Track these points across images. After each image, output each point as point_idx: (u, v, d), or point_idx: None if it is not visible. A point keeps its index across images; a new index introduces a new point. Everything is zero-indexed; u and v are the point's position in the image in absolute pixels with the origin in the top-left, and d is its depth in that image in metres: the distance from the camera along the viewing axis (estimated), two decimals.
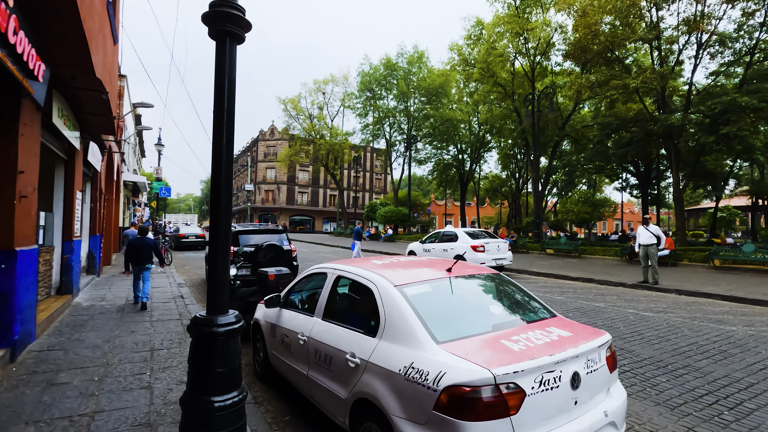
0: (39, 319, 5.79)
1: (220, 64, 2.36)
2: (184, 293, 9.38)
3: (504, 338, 2.55)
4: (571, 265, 15.57)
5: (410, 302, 2.78)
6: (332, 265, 3.84)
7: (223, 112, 2.35)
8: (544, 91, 20.82)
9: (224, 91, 2.35)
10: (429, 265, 3.64)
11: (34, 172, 5.26)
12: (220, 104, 2.35)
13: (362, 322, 3.09)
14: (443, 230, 14.84)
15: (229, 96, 2.37)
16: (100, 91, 6.28)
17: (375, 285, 3.02)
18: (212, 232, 2.33)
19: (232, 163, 2.40)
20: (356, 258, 4.30)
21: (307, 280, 4.25)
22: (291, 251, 9.91)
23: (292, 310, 4.10)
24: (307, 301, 4.15)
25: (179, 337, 5.87)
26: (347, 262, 3.83)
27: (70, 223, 8.02)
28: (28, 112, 4.81)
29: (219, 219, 2.33)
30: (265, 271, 5.85)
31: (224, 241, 2.34)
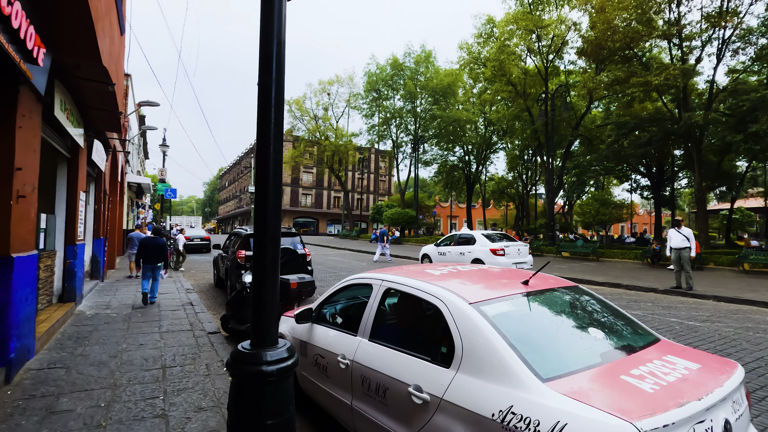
0: (39, 331, 5.27)
1: (267, 22, 1.84)
2: (193, 300, 8.86)
3: (623, 372, 2.01)
4: (591, 269, 14.98)
5: (494, 325, 2.23)
6: (377, 275, 3.30)
7: (271, 84, 1.82)
8: (558, 90, 20.28)
9: (272, 58, 1.83)
10: (497, 276, 3.10)
11: (34, 169, 4.75)
12: (267, 73, 1.83)
13: (427, 347, 2.55)
14: (459, 233, 14.30)
15: (278, 63, 1.84)
16: (106, 82, 5.77)
17: (443, 302, 2.47)
18: (258, 239, 1.80)
19: (281, 149, 1.86)
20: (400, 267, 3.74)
21: (344, 292, 3.71)
22: (305, 255, 9.39)
23: (328, 327, 3.57)
24: (346, 316, 3.62)
25: (192, 351, 5.34)
26: (394, 272, 3.29)
27: (73, 226, 7.51)
28: (26, 101, 4.30)
29: (266, 223, 1.80)
30: (286, 279, 5.33)
31: (273, 250, 1.81)
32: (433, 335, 2.58)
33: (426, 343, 2.62)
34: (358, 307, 3.58)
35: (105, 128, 8.58)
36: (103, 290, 9.69)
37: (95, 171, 10.35)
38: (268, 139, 1.81)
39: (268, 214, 1.79)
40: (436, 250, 14.59)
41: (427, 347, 2.55)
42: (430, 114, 36.26)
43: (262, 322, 1.79)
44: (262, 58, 1.84)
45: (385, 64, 37.50)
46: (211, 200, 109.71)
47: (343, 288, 3.67)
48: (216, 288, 11.22)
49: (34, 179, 4.73)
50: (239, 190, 71.11)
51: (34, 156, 4.73)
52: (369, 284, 3.30)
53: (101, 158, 9.70)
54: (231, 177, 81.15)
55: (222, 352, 5.32)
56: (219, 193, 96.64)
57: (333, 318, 3.72)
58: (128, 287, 10.30)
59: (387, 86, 38.10)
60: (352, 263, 17.86)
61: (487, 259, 12.40)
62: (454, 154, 40.24)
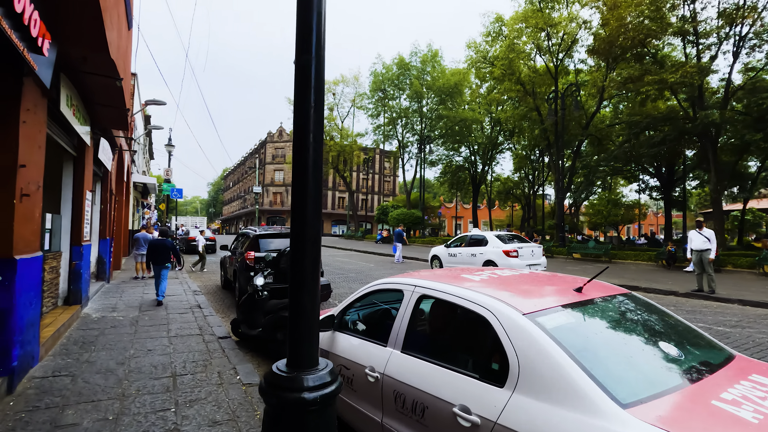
0: (43, 336, 5.04)
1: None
2: (200, 302, 8.63)
3: (713, 397, 1.74)
4: (607, 271, 14.65)
5: (555, 339, 1.97)
6: (408, 279, 3.03)
7: (310, 62, 1.57)
8: (569, 89, 19.94)
9: (311, 32, 1.57)
10: (544, 282, 2.83)
11: (39, 167, 4.52)
12: (306, 50, 1.57)
13: (473, 363, 2.29)
14: (470, 233, 14.02)
15: (318, 38, 1.59)
16: (113, 76, 5.55)
17: (492, 313, 2.21)
18: (297, 241, 1.54)
19: (322, 137, 1.60)
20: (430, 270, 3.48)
21: (370, 297, 3.45)
22: None
23: (352, 335, 3.31)
24: (373, 324, 3.36)
25: (203, 357, 5.09)
26: (427, 277, 3.03)
27: (79, 226, 7.30)
28: (31, 95, 4.07)
29: (305, 221, 1.55)
30: None
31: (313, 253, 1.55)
32: (481, 349, 2.32)
33: (471, 357, 2.36)
34: (386, 314, 3.32)
35: (112, 126, 8.38)
36: (110, 292, 9.49)
37: (101, 170, 10.16)
38: (307, 126, 1.55)
39: (308, 211, 1.54)
40: (446, 251, 14.31)
41: (474, 362, 2.29)
42: (436, 114, 35.97)
43: (300, 338, 1.52)
44: (299, 34, 1.58)
45: (391, 64, 37.24)
46: (215, 200, 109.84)
47: (369, 293, 3.41)
48: (223, 290, 11.00)
49: (39, 177, 4.50)
50: (244, 190, 71.10)
51: (39, 153, 4.51)
52: (399, 290, 3.04)
53: (108, 157, 9.50)
54: (235, 177, 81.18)
55: (234, 359, 5.07)
56: (223, 194, 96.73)
57: (357, 325, 3.46)
58: (134, 289, 10.10)
59: (393, 86, 37.84)
60: (359, 264, 17.61)
61: (499, 260, 12.11)
62: (460, 154, 39.93)
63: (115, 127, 8.62)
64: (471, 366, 2.24)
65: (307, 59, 1.56)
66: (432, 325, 2.89)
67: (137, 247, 11.71)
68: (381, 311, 3.36)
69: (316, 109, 1.57)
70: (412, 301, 2.83)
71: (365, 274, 14.22)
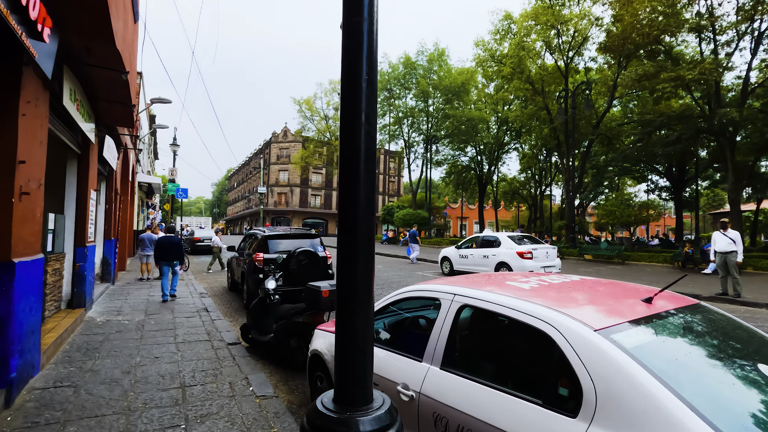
0: (45, 343, 4.78)
1: None
2: (207, 305, 8.36)
3: None
4: (620, 273, 14.28)
5: (640, 361, 1.66)
6: (445, 287, 2.73)
7: (361, 24, 1.27)
8: (580, 87, 19.58)
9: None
10: (603, 290, 2.51)
11: (40, 164, 4.26)
12: (356, 11, 1.27)
13: (533, 386, 1.98)
14: (482, 234, 13.68)
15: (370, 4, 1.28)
16: (119, 69, 5.28)
17: (556, 328, 1.90)
18: (345, 245, 1.25)
19: (375, 117, 1.30)
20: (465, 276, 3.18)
21: (400, 305, 3.15)
22: (327, 258, 8.85)
23: (379, 347, 3.01)
24: (403, 335, 3.06)
25: (212, 366, 4.81)
26: (467, 284, 2.72)
27: (83, 227, 7.05)
28: (31, 85, 3.80)
29: (356, 222, 1.25)
30: (317, 286, 4.77)
31: (366, 260, 1.26)
32: (542, 370, 2.01)
33: (531, 379, 2.05)
34: (419, 324, 3.02)
35: (117, 123, 8.13)
36: (114, 294, 9.24)
37: (106, 169, 9.92)
38: (357, 104, 1.26)
39: (359, 209, 1.24)
40: (456, 252, 13.98)
41: (534, 386, 1.98)
42: (442, 113, 35.64)
43: (351, 369, 1.22)
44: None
45: (397, 63, 36.93)
46: (220, 201, 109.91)
47: (398, 301, 3.11)
48: (230, 292, 10.73)
49: (40, 174, 4.24)
50: (248, 191, 71.03)
51: (41, 149, 4.24)
52: (435, 298, 2.73)
53: (113, 156, 9.26)
54: (240, 178, 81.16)
55: (245, 368, 4.78)
56: (227, 194, 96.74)
57: (384, 336, 3.16)
58: (140, 290, 9.85)
59: (399, 85, 37.55)
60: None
61: (513, 262, 11.78)
62: (466, 154, 39.60)
63: (121, 125, 8.37)
64: (531, 389, 1.94)
65: (358, 21, 1.27)
66: (477, 340, 2.57)
67: (142, 247, 11.48)
68: (412, 321, 3.05)
69: (369, 84, 1.27)
70: (452, 312, 2.52)
71: (374, 275, 13.91)
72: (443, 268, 14.58)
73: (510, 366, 2.21)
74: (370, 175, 1.26)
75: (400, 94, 38.53)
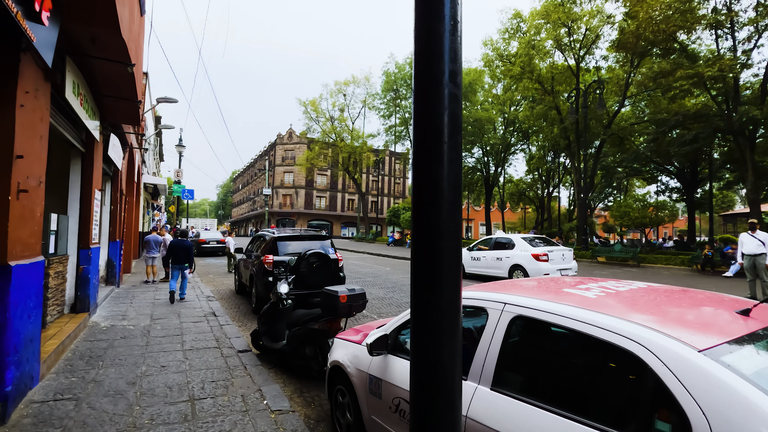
0: (45, 351, 4.50)
1: None
2: (215, 309, 8.08)
3: None
4: (638, 276, 13.87)
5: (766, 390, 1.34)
6: (494, 294, 2.40)
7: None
8: (592, 86, 19.17)
9: None
10: (682, 299, 2.17)
11: (40, 160, 3.98)
12: None
13: (618, 416, 1.65)
14: (495, 236, 13.32)
15: None
16: (124, 61, 5.01)
17: (649, 349, 1.56)
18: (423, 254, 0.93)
19: (460, 80, 0.98)
20: (513, 282, 2.85)
21: None
22: (338, 261, 8.53)
23: None
24: None
25: (223, 376, 4.50)
26: (518, 291, 2.40)
27: (87, 228, 6.78)
28: (30, 74, 3.53)
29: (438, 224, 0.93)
30: (334, 291, 4.46)
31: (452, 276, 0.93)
32: (628, 398, 1.68)
33: (612, 408, 1.72)
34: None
35: (122, 120, 7.87)
36: (119, 297, 8.97)
37: (111, 169, 9.67)
38: (439, 55, 0.93)
39: (441, 209, 0.91)
40: (468, 255, 13.62)
41: (618, 416, 1.65)
42: None
43: (434, 411, 0.90)
44: None
45: (403, 63, 36.67)
46: (225, 203, 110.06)
47: None
48: (238, 295, 10.44)
49: (40, 171, 3.96)
50: (253, 192, 70.98)
51: (41, 144, 3.96)
52: (480, 307, 2.41)
53: (118, 155, 9.01)
54: (244, 180, 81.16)
55: (258, 378, 4.47)
56: (232, 196, 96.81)
57: None
58: (145, 293, 9.59)
59: (406, 85, 37.28)
60: (375, 268, 16.99)
61: (529, 265, 11.42)
62: (472, 155, 39.22)
63: (126, 122, 8.11)
64: (614, 421, 1.61)
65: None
66: (537, 357, 2.24)
67: (148, 249, 11.23)
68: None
69: (453, 33, 0.95)
70: (503, 323, 2.20)
71: (383, 278, 13.60)
72: None
73: (583, 391, 1.88)
74: (456, 153, 0.94)
75: (406, 95, 38.25)
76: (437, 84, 0.93)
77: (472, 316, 2.55)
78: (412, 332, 0.98)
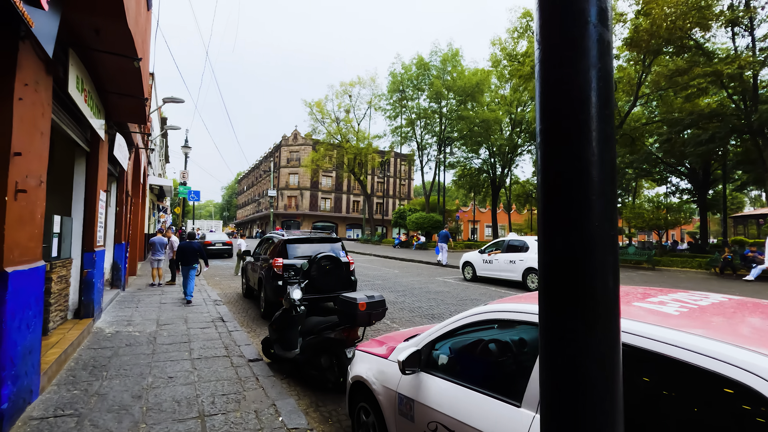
0: (47, 361, 4.24)
1: None
2: (223, 313, 7.82)
3: None
4: (654, 279, 13.48)
5: None
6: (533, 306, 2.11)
7: None
8: None
9: None
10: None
11: (41, 158, 3.73)
12: None
13: None
14: (507, 238, 12.99)
15: None
16: (130, 55, 4.76)
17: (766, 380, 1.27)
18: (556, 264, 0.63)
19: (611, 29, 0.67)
20: None
21: (474, 329, 2.52)
22: (349, 264, 8.25)
23: (451, 381, 2.40)
24: (486, 369, 2.43)
25: (234, 388, 4.22)
26: None
27: (91, 230, 6.54)
28: (30, 66, 3.28)
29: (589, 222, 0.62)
30: (353, 298, 4.17)
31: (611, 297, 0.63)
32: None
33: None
34: (507, 355, 2.39)
35: (128, 119, 7.64)
36: (125, 301, 8.73)
37: (117, 170, 9.46)
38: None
39: (589, 189, 0.62)
40: (480, 257, 13.30)
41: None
42: (456, 114, 34.97)
43: None
44: None
45: (410, 64, 36.36)
46: (229, 204, 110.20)
47: (476, 323, 2.49)
48: (245, 299, 10.18)
49: (41, 170, 3.70)
50: (258, 194, 70.94)
51: (42, 141, 3.71)
52: (533, 323, 2.11)
53: (124, 155, 8.79)
54: (249, 181, 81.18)
55: (271, 391, 4.19)
56: (237, 198, 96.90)
57: (456, 367, 2.54)
58: (151, 297, 9.35)
59: (412, 86, 36.98)
60: (383, 270, 16.70)
61: None
62: (479, 156, 38.91)
63: (132, 121, 7.88)
64: None
65: None
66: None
67: (153, 251, 11.00)
68: (499, 350, 2.42)
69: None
70: None
71: (392, 281, 13.30)
72: (465, 273, 13.90)
73: (677, 427, 1.57)
74: (609, 128, 0.65)
75: (413, 96, 37.97)
76: (582, 25, 0.63)
77: (518, 333, 2.26)
78: (542, 379, 0.69)
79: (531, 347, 2.14)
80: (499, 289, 11.76)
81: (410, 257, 23.41)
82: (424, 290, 11.41)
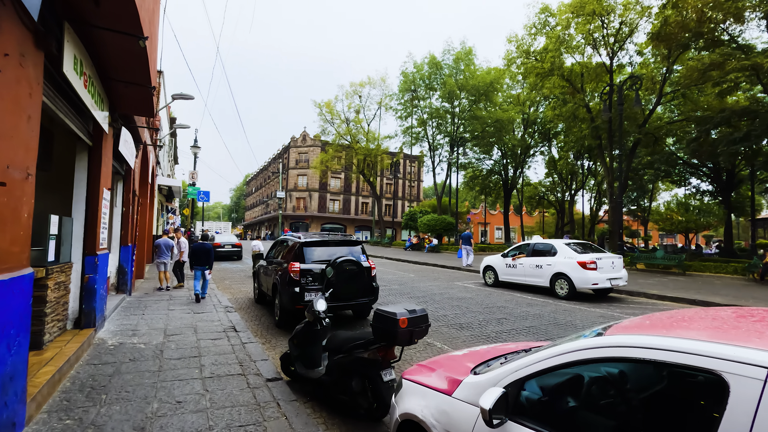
0: (38, 382, 3.66)
1: None
2: (235, 322, 7.24)
3: None
4: (688, 286, 12.67)
5: None
6: (729, 348, 1.45)
7: None
8: (626, 82, 17.95)
9: None
10: None
11: (28, 147, 3.15)
12: None
13: None
14: (533, 241, 12.28)
15: None
16: (135, 33, 4.19)
17: None
18: None
19: None
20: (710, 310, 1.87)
21: (589, 366, 1.87)
22: (371, 269, 7.62)
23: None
24: (613, 420, 1.78)
25: (252, 417, 3.60)
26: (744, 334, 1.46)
27: (94, 231, 5.98)
28: (11, 32, 2.70)
29: None
30: (392, 313, 3.54)
31: None
32: None
33: None
34: (647, 405, 1.74)
35: (135, 111, 7.10)
36: (131, 308, 8.18)
37: (123, 167, 8.94)
38: None
39: None
40: (502, 261, 12.59)
41: None
42: (469, 114, 34.27)
43: None
44: None
45: (421, 63, 35.73)
46: (238, 206, 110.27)
47: (589, 360, 1.83)
48: (257, 305, 9.59)
49: (27, 161, 3.12)
50: (266, 195, 70.66)
51: (29, 126, 3.13)
52: (706, 370, 1.46)
53: (131, 152, 8.25)
54: (258, 183, 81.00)
55: (296, 420, 3.57)
56: (245, 199, 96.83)
57: (557, 417, 1.89)
58: (158, 303, 8.80)
59: (424, 86, 36.37)
60: (399, 274, 16.04)
61: (574, 273, 10.35)
62: (491, 157, 38.21)
63: (139, 113, 7.34)
64: None
65: None
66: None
67: (159, 254, 10.47)
68: (628, 398, 1.76)
69: None
70: (747, 399, 1.25)
71: (409, 286, 12.65)
72: (486, 278, 13.20)
73: None
74: None
75: (424, 95, 37.34)
76: None
77: (664, 375, 1.61)
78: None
79: (669, 391, 1.49)
80: (525, 295, 11.06)
81: (424, 260, 22.74)
82: (445, 296, 10.74)
